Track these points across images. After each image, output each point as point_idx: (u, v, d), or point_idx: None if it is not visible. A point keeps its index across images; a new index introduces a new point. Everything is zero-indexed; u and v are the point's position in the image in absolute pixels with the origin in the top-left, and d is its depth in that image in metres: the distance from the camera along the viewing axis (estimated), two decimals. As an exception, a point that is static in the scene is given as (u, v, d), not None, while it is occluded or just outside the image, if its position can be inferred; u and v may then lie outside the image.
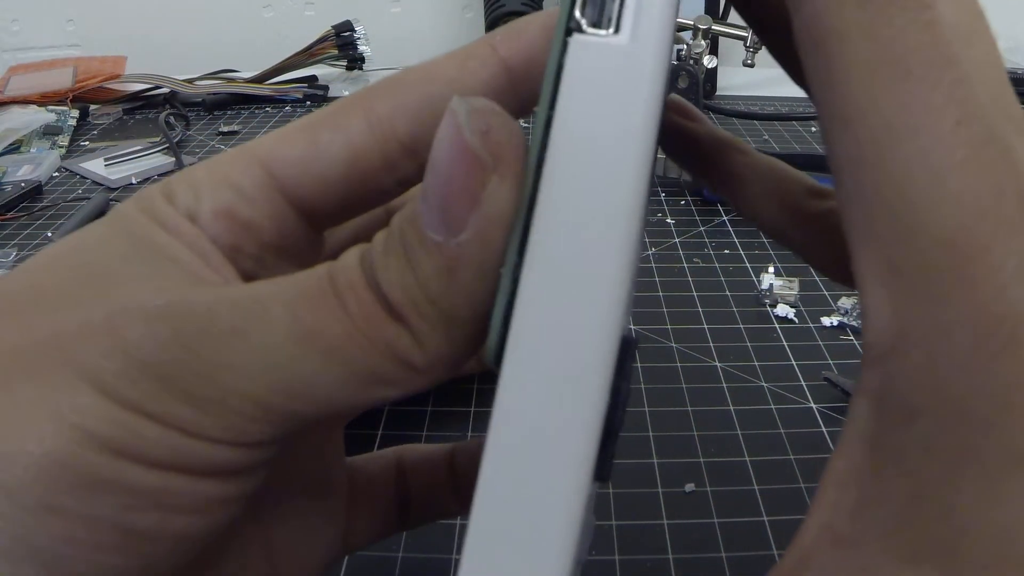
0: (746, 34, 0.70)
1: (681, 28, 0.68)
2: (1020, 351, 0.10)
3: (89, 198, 0.55)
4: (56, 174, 0.62)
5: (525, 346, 0.11)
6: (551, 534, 0.10)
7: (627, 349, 0.11)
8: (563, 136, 0.11)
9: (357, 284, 0.12)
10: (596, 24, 0.11)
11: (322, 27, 0.79)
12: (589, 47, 0.11)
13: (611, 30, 0.11)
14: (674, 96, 0.20)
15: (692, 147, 0.20)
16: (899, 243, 0.11)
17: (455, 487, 0.21)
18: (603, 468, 0.11)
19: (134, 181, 0.59)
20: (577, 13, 0.11)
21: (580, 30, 0.11)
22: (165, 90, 0.78)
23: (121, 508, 0.12)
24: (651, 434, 0.31)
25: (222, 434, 0.12)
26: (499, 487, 0.11)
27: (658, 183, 0.55)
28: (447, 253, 0.12)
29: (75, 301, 0.13)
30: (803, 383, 0.34)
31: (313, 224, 0.16)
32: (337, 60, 0.81)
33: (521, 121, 0.12)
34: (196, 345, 0.12)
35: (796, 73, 0.17)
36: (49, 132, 0.67)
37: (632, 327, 0.38)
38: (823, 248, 0.18)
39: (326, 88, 0.79)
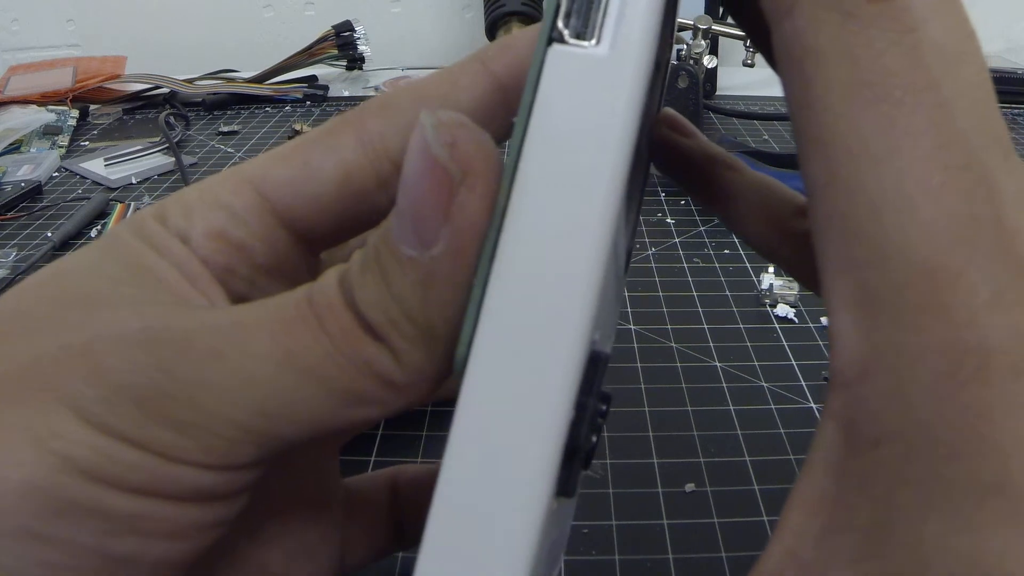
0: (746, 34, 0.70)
1: (681, 28, 0.68)
2: (991, 380, 0.10)
3: (89, 198, 0.55)
4: (56, 174, 0.62)
5: (487, 358, 0.10)
6: (506, 551, 0.10)
7: (596, 366, 0.11)
8: (537, 146, 0.11)
9: (335, 304, 0.12)
10: (579, 35, 0.11)
11: (322, 27, 0.79)
12: (568, 57, 0.11)
13: (592, 41, 0.11)
14: (668, 110, 0.20)
15: (684, 162, 0.20)
16: (870, 268, 0.11)
17: None
18: (567, 484, 0.11)
19: (134, 181, 0.59)
20: (560, 23, 0.11)
21: (561, 40, 0.11)
22: (165, 90, 0.78)
23: (101, 534, 0.12)
24: (651, 434, 0.31)
25: (203, 457, 0.12)
26: (453, 500, 0.10)
27: (658, 183, 0.55)
28: (421, 268, 0.12)
29: (57, 326, 0.13)
30: (803, 383, 0.34)
31: (308, 245, 0.16)
32: (337, 60, 0.81)
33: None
34: (175, 369, 0.12)
35: (764, 48, 0.16)
36: (49, 132, 0.67)
37: (632, 327, 0.38)
38: (810, 265, 0.18)
39: (326, 88, 0.79)
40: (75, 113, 0.71)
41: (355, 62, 0.82)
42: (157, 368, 0.12)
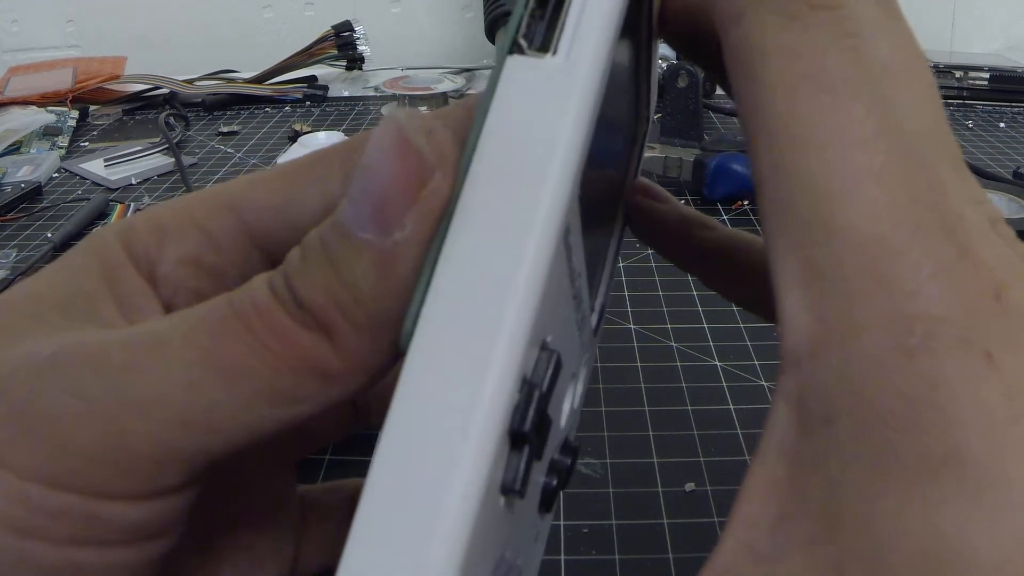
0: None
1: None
2: (939, 350, 0.10)
3: (89, 199, 0.55)
4: (56, 175, 0.62)
5: (431, 329, 0.11)
6: (432, 532, 0.10)
7: (548, 360, 0.11)
8: (492, 139, 0.11)
9: (262, 303, 0.12)
10: (537, 48, 0.12)
11: (322, 27, 0.79)
12: (525, 64, 0.12)
13: (549, 54, 0.12)
14: (643, 180, 0.22)
15: (661, 227, 0.21)
16: (816, 246, 0.11)
17: None
18: (514, 478, 0.11)
19: (134, 182, 0.59)
20: (520, 38, 0.12)
21: (521, 51, 0.12)
22: (165, 90, 0.78)
23: None
24: (651, 433, 0.31)
25: (129, 485, 0.12)
26: (385, 482, 0.10)
27: (658, 183, 0.55)
28: (378, 252, 0.11)
29: None
30: (803, 382, 0.34)
31: None
32: (337, 60, 0.81)
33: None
34: (89, 389, 0.12)
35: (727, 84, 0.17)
36: (49, 133, 0.67)
37: (632, 327, 0.38)
38: None
39: (326, 88, 0.79)
40: (75, 114, 0.71)
41: (355, 62, 0.82)
42: (70, 392, 0.12)
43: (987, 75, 0.72)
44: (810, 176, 0.11)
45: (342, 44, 0.79)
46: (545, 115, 0.11)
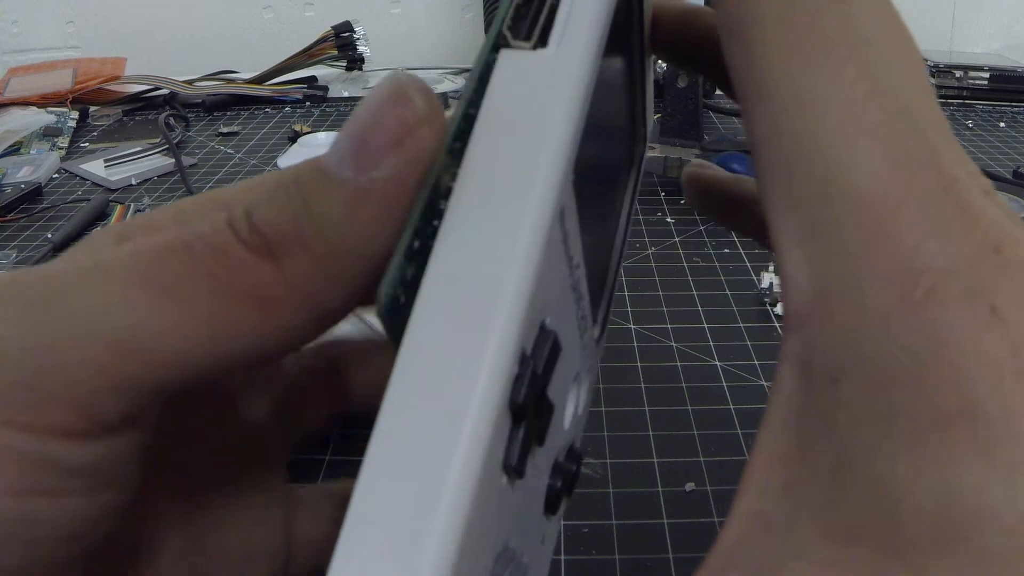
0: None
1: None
2: (946, 302, 0.10)
3: (89, 199, 0.55)
4: (56, 175, 0.62)
5: (430, 302, 0.11)
6: (431, 507, 0.10)
7: (546, 341, 0.12)
8: (487, 123, 0.12)
9: (213, 230, 0.12)
10: (526, 39, 0.12)
11: (322, 28, 0.79)
12: (518, 57, 0.12)
13: (539, 44, 0.12)
14: (698, 161, 0.23)
15: (720, 197, 0.21)
16: (816, 203, 0.11)
17: None
18: (513, 459, 0.11)
19: (134, 182, 0.59)
20: (505, 30, 0.12)
21: (507, 45, 0.12)
22: (165, 91, 0.78)
23: None
24: (651, 433, 0.31)
25: (70, 419, 0.12)
26: (386, 449, 0.10)
27: (657, 182, 0.55)
28: (353, 187, 0.12)
29: None
30: (803, 382, 0.34)
31: None
32: (337, 61, 0.81)
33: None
34: (30, 318, 0.12)
35: (726, 86, 0.18)
36: (49, 134, 0.67)
37: (632, 327, 0.38)
38: None
39: (325, 89, 0.79)
40: (75, 114, 0.71)
41: (355, 63, 0.82)
42: (10, 321, 0.12)
43: (987, 75, 0.72)
44: (807, 134, 0.11)
45: (342, 44, 0.79)
46: (539, 96, 0.11)
